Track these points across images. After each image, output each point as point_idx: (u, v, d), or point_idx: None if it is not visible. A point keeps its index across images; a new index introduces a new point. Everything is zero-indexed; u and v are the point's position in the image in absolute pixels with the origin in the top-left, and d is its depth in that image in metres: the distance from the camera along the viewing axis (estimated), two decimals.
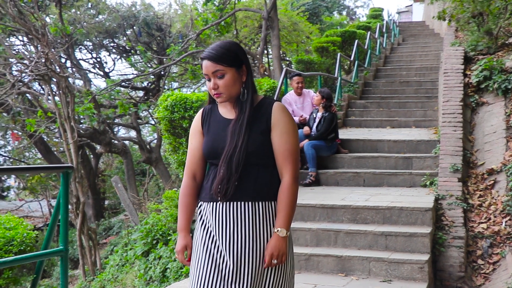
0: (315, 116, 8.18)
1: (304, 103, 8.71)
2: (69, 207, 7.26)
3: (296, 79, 8.67)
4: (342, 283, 5.08)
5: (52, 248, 4.16)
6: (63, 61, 20.04)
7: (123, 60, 23.63)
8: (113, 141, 18.54)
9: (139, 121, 22.23)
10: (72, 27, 17.52)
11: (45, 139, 18.91)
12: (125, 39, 22.13)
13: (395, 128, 10.15)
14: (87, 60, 23.61)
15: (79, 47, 22.49)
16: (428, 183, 7.02)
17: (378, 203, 6.06)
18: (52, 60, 10.99)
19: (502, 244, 5.95)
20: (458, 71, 8.80)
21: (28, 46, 16.47)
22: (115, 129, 23.85)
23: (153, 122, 22.17)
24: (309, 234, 5.80)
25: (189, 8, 20.92)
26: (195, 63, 17.27)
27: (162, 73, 19.82)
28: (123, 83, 16.42)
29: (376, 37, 17.52)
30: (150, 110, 20.28)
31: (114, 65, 39.10)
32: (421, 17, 29.80)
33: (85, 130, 16.74)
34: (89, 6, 20.87)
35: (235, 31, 16.38)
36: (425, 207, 5.80)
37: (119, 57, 23.39)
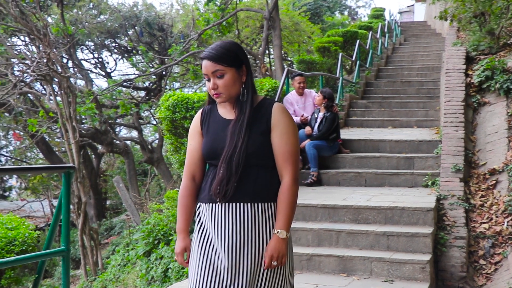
0: (316, 116, 8.17)
1: (305, 103, 8.70)
2: (71, 207, 7.26)
3: (298, 79, 8.66)
4: (343, 283, 5.07)
5: (53, 248, 4.16)
6: (65, 61, 20.05)
7: (124, 60, 23.65)
8: (114, 141, 18.55)
9: (141, 121, 22.24)
10: (73, 27, 17.52)
11: (47, 139, 18.93)
12: (126, 39, 22.14)
13: (396, 128, 10.14)
14: (88, 60, 23.66)
15: (81, 47, 22.50)
16: (429, 183, 7.02)
17: (379, 203, 6.06)
18: (53, 60, 11.00)
19: (504, 244, 5.94)
20: (460, 71, 8.80)
21: (30, 46, 16.47)
22: (117, 129, 23.88)
23: (154, 122, 22.18)
24: (311, 234, 5.80)
25: (190, 8, 20.94)
26: (197, 63, 17.26)
27: (163, 73, 19.82)
28: (125, 83, 16.44)
29: (377, 37, 17.50)
30: (151, 110, 20.29)
31: (115, 65, 39.17)
32: (423, 17, 29.79)
33: (86, 130, 16.75)
34: (91, 6, 20.90)
35: (236, 31, 16.39)
36: (427, 207, 5.79)
37: (120, 57, 23.42)
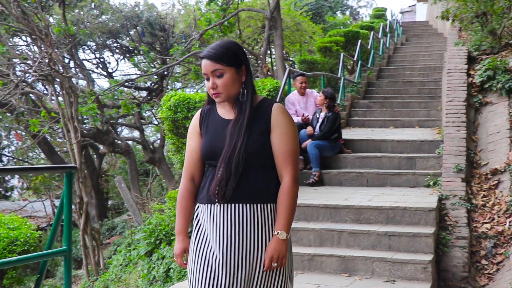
0: (318, 116, 8.17)
1: (307, 103, 8.70)
2: (73, 207, 7.27)
3: (299, 79, 8.66)
4: (345, 283, 5.07)
5: (55, 248, 4.16)
6: (67, 61, 20.09)
7: (126, 60, 23.69)
8: (116, 141, 18.57)
9: (142, 121, 22.26)
10: (75, 27, 17.56)
11: (49, 139, 18.94)
12: (128, 39, 22.18)
13: (398, 128, 10.13)
14: (90, 60, 23.72)
15: (83, 47, 22.54)
16: (431, 183, 7.01)
17: (381, 203, 6.05)
18: (55, 60, 11.01)
19: (506, 244, 5.94)
20: (461, 71, 8.79)
21: (31, 46, 16.49)
22: (119, 129, 23.91)
23: (156, 122, 22.20)
24: (312, 234, 5.79)
25: (192, 8, 20.95)
26: (198, 63, 17.26)
27: (165, 73, 19.85)
28: (126, 83, 16.46)
29: (379, 37, 17.49)
30: (153, 110, 20.31)
31: (117, 65, 39.19)
32: (425, 17, 29.77)
33: (88, 130, 16.77)
34: (93, 6, 20.92)
35: (238, 31, 16.39)
36: (429, 207, 5.78)
37: (122, 57, 23.45)
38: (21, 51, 15.69)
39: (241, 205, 2.52)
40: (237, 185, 2.50)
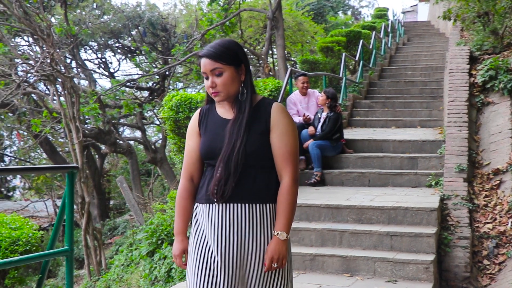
0: (320, 116, 8.17)
1: (309, 103, 8.70)
2: (74, 207, 7.28)
3: (301, 79, 8.66)
4: (347, 283, 5.07)
5: (57, 248, 4.16)
6: (68, 61, 20.11)
7: (128, 60, 23.69)
8: (118, 141, 18.57)
9: (144, 121, 22.27)
10: (77, 27, 17.57)
11: (51, 140, 18.95)
12: (130, 39, 22.18)
13: (400, 128, 10.12)
14: (92, 60, 23.71)
15: (84, 48, 22.55)
16: (433, 183, 7.00)
17: (383, 203, 6.05)
18: (57, 60, 11.02)
19: (508, 244, 5.93)
20: (463, 71, 8.78)
21: (33, 46, 16.52)
22: (120, 129, 23.92)
23: (158, 122, 22.20)
24: (314, 234, 5.79)
25: (194, 8, 20.94)
26: (199, 62, 17.25)
27: (167, 73, 19.85)
28: (128, 83, 16.46)
29: (381, 37, 17.48)
30: (155, 110, 20.31)
31: (119, 65, 39.13)
32: (426, 17, 29.73)
33: (90, 130, 16.78)
34: (94, 6, 20.93)
35: (240, 31, 16.38)
36: (431, 207, 5.78)
37: (124, 57, 23.45)
38: (23, 51, 15.72)
39: (240, 205, 2.50)
40: (236, 185, 2.48)
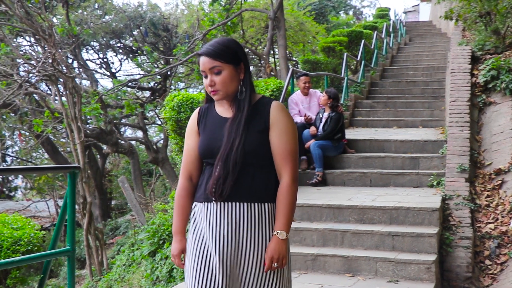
0: (321, 116, 8.16)
1: (310, 103, 8.69)
2: (76, 207, 7.28)
3: (303, 79, 8.65)
4: (348, 283, 5.07)
5: (59, 248, 4.17)
6: (70, 61, 20.12)
7: (129, 60, 23.69)
8: (119, 141, 18.59)
9: (146, 121, 22.28)
10: (79, 27, 17.57)
11: (52, 140, 18.98)
12: (131, 39, 22.18)
13: (401, 128, 10.12)
14: (93, 60, 23.72)
15: (86, 48, 22.56)
16: (435, 183, 7.00)
17: (385, 203, 6.05)
18: (59, 60, 11.03)
19: (509, 244, 5.92)
20: (465, 70, 8.77)
21: (35, 46, 16.53)
22: (122, 129, 23.92)
23: (159, 122, 22.22)
24: (316, 234, 5.79)
25: (195, 8, 20.95)
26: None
27: (168, 73, 19.86)
28: (130, 84, 16.44)
29: (382, 37, 17.47)
30: (156, 110, 20.32)
31: (120, 65, 39.25)
32: (428, 17, 29.72)
33: (92, 130, 16.79)
34: (96, 6, 20.94)
35: (241, 31, 16.38)
36: (432, 207, 5.77)
37: (125, 57, 23.45)
38: (24, 51, 15.73)
39: (238, 204, 2.48)
40: (235, 183, 2.46)
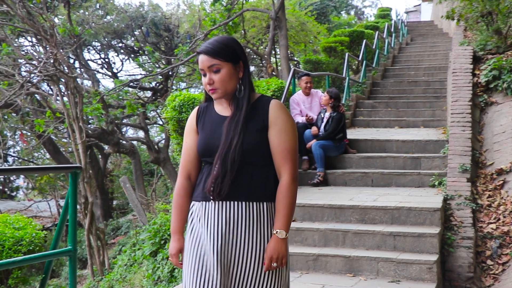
0: (323, 116, 8.16)
1: (312, 103, 8.69)
2: (78, 207, 7.29)
3: (304, 79, 8.65)
4: (350, 284, 5.06)
5: (60, 248, 4.17)
6: (72, 61, 20.12)
7: (131, 60, 23.70)
8: (121, 141, 18.59)
9: (147, 121, 22.28)
10: (80, 27, 17.57)
11: (54, 140, 18.99)
12: (133, 39, 22.18)
13: (403, 128, 10.11)
14: (95, 60, 23.73)
15: (88, 48, 22.57)
16: (436, 183, 6.99)
17: (386, 203, 6.04)
18: (60, 60, 11.03)
19: (511, 244, 5.91)
20: (467, 70, 8.76)
21: (36, 46, 16.52)
22: (123, 130, 23.93)
23: (161, 122, 22.21)
24: (317, 234, 5.79)
25: (197, 8, 20.96)
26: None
27: (170, 73, 19.84)
28: (131, 84, 16.47)
29: (384, 37, 17.47)
30: (158, 110, 20.32)
31: (122, 65, 39.20)
32: (430, 17, 29.71)
33: (93, 130, 16.80)
34: (97, 6, 20.95)
35: (243, 31, 16.37)
36: (434, 207, 5.77)
37: (127, 57, 23.46)
38: (26, 51, 15.73)
39: (236, 202, 2.47)
40: (233, 182, 2.45)
